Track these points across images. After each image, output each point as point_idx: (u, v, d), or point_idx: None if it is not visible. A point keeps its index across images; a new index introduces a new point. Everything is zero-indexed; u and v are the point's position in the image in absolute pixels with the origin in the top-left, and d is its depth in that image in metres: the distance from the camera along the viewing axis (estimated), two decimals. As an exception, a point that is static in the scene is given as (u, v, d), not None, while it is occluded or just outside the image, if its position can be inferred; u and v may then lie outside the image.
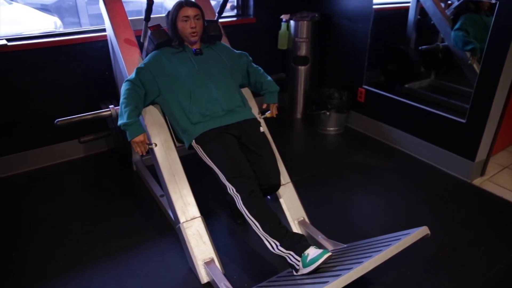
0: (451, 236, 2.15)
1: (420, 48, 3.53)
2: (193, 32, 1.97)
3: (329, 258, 1.56)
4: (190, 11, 1.96)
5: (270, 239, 1.68)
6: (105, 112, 2.10)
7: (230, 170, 1.78)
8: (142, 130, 1.85)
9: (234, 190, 1.75)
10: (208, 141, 1.87)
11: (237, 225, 2.25)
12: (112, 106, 2.12)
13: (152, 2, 1.97)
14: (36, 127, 2.77)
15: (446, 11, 3.24)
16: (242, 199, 1.72)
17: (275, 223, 1.70)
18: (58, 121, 2.01)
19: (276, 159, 1.98)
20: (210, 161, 1.85)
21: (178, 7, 1.97)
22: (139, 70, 1.93)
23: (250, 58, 2.22)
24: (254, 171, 1.83)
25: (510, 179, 2.70)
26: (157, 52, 2.00)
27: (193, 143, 1.91)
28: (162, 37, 2.00)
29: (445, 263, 1.96)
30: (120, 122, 1.81)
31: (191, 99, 1.91)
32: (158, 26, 2.06)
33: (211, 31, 2.12)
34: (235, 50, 2.19)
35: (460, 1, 3.13)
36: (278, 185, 1.94)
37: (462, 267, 1.93)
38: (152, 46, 2.04)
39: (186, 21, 1.96)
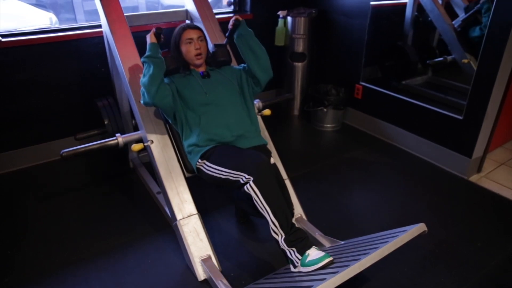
0: (448, 232, 2.16)
1: (427, 62, 3.53)
2: (198, 54, 1.94)
3: (330, 263, 1.54)
4: (193, 33, 1.94)
5: (278, 228, 1.63)
6: (111, 141, 2.03)
7: (238, 161, 1.72)
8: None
9: (246, 175, 1.65)
10: (213, 152, 1.84)
11: (234, 222, 2.25)
12: (118, 134, 2.05)
13: (161, 31, 1.89)
14: (31, 124, 2.75)
15: (453, 22, 3.24)
16: (254, 180, 1.62)
17: (285, 213, 1.65)
18: (63, 152, 1.94)
19: (289, 193, 1.89)
20: (217, 167, 1.78)
21: (181, 31, 1.96)
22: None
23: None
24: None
25: (506, 176, 2.71)
26: (168, 78, 1.96)
27: (199, 162, 1.87)
28: (171, 64, 1.95)
29: (442, 259, 1.97)
30: (143, 62, 1.82)
31: (200, 124, 1.88)
32: (167, 52, 2.03)
33: (220, 57, 2.06)
34: (238, 67, 2.11)
35: (468, 14, 3.12)
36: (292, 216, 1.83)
37: (459, 263, 1.94)
38: None
39: (190, 43, 1.94)
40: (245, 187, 1.66)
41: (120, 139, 2.04)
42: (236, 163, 1.73)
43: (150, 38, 1.87)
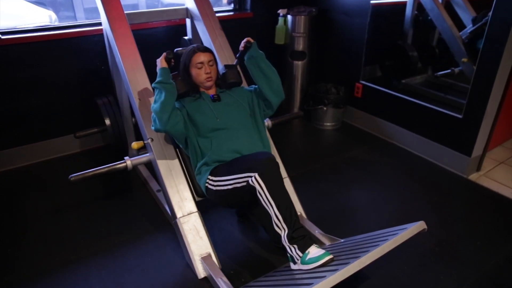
0: (447, 230, 2.16)
1: (435, 74, 3.52)
2: (208, 77, 1.91)
3: (330, 261, 1.54)
4: (203, 57, 1.90)
5: (282, 223, 1.61)
6: (120, 164, 1.97)
7: (245, 164, 1.71)
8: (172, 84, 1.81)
9: (252, 171, 1.64)
10: (220, 167, 1.82)
11: (234, 220, 2.25)
12: (127, 157, 2.00)
13: (173, 57, 1.87)
14: (31, 122, 2.75)
15: (460, 33, 3.22)
16: (259, 174, 1.61)
17: (289, 208, 1.64)
18: (72, 177, 1.86)
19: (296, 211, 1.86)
20: (223, 178, 1.75)
21: (191, 53, 1.91)
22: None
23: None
24: None
25: (506, 175, 2.71)
26: (178, 102, 1.93)
27: (208, 179, 1.83)
28: (181, 88, 1.91)
29: (441, 257, 1.97)
30: (155, 88, 1.79)
31: (212, 148, 1.85)
32: (177, 75, 2.01)
33: (230, 78, 2.02)
34: (248, 88, 2.08)
35: (476, 26, 3.10)
36: None
37: (458, 261, 1.94)
38: None
39: (200, 68, 1.90)
40: (249, 180, 1.64)
41: (128, 162, 1.98)
42: (243, 165, 1.71)
43: (160, 63, 1.84)
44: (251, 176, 1.64)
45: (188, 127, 1.88)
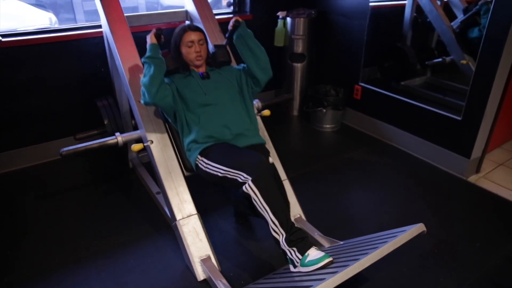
0: (446, 232, 2.16)
1: (426, 63, 3.53)
2: (198, 56, 1.95)
3: (329, 263, 1.55)
4: (193, 36, 1.94)
5: (279, 228, 1.62)
6: (111, 140, 2.04)
7: (237, 160, 1.73)
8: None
9: (244, 174, 1.67)
10: (212, 150, 1.85)
11: (234, 222, 2.25)
12: (118, 133, 2.06)
13: (161, 32, 1.91)
14: (31, 123, 2.75)
15: (452, 24, 3.24)
16: (252, 180, 1.63)
17: (285, 212, 1.66)
18: (63, 151, 1.95)
19: (286, 191, 1.91)
20: (215, 165, 1.80)
21: (181, 32, 1.95)
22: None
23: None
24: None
25: (505, 176, 2.72)
26: (168, 78, 1.97)
27: (198, 158, 1.88)
28: (171, 64, 1.96)
29: (441, 258, 1.97)
30: (144, 62, 1.83)
31: (200, 123, 1.90)
32: (168, 53, 2.04)
33: (220, 57, 2.08)
34: (237, 67, 2.11)
35: (467, 15, 3.13)
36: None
37: (458, 263, 1.94)
38: None
39: (190, 46, 1.94)
40: (243, 187, 1.66)
41: (119, 138, 2.05)
42: (235, 162, 1.74)
43: (150, 39, 1.88)
44: (242, 175, 1.67)
45: (177, 101, 1.92)
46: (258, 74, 1.98)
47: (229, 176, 1.74)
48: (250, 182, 1.64)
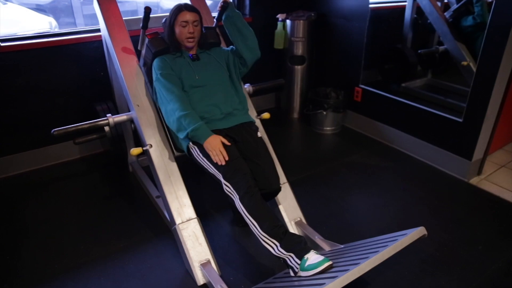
0: (448, 235, 2.15)
1: (419, 51, 3.53)
2: (190, 38, 1.95)
3: (329, 267, 1.54)
4: (189, 16, 1.93)
5: (269, 239, 1.66)
6: (102, 121, 2.08)
7: (226, 167, 1.76)
8: (211, 132, 1.81)
9: (231, 187, 1.73)
10: None
11: (233, 226, 2.24)
12: (109, 115, 2.10)
13: (150, 10, 1.95)
14: (30, 128, 2.75)
15: (445, 13, 3.24)
16: (239, 198, 1.70)
17: (274, 222, 1.68)
18: (54, 131, 2.01)
19: (274, 164, 1.94)
20: (206, 161, 1.83)
21: (177, 11, 1.94)
22: (164, 75, 1.89)
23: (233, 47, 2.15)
24: (254, 178, 1.79)
25: (507, 178, 2.70)
26: (160, 58, 1.98)
27: (190, 144, 1.89)
28: (160, 45, 1.97)
29: (442, 262, 1.96)
30: (186, 131, 1.78)
31: (191, 103, 1.90)
32: (156, 34, 2.04)
33: (209, 38, 2.11)
34: (226, 49, 2.15)
35: (459, 4, 3.13)
36: (278, 189, 1.90)
37: (460, 266, 1.93)
38: (150, 54, 2.02)
39: (184, 26, 1.94)
40: (235, 203, 1.73)
41: (111, 119, 2.10)
42: (224, 169, 1.76)
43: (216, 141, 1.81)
44: (228, 187, 1.74)
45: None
46: (246, 54, 2.02)
47: (216, 176, 1.81)
48: (238, 201, 1.71)
